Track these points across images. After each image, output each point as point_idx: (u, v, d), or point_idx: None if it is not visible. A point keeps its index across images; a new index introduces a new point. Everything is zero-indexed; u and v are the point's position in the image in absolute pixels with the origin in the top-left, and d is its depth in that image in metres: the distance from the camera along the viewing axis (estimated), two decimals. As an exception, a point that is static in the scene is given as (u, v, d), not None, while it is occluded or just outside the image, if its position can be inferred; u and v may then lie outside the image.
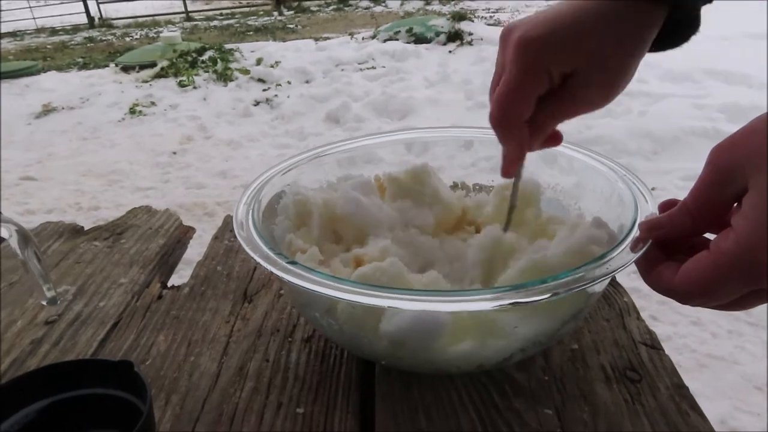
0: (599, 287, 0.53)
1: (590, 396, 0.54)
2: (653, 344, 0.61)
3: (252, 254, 0.49)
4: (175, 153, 3.76)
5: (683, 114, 3.52)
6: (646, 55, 0.49)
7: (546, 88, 0.48)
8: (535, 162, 0.66)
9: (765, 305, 0.42)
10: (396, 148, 0.75)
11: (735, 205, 0.41)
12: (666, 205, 0.49)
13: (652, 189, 0.43)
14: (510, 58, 0.48)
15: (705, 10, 0.49)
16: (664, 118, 3.47)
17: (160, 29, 10.28)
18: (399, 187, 0.66)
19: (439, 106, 4.12)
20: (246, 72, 5.23)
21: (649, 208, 0.53)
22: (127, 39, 9.56)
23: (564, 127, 0.54)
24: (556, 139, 0.55)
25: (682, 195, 0.43)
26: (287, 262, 0.48)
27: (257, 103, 4.57)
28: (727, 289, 0.40)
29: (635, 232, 0.49)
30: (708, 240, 0.44)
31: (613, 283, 0.70)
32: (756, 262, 0.38)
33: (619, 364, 0.58)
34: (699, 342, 1.64)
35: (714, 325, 1.69)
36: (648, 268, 0.46)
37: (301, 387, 0.57)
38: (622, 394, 0.54)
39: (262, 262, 0.48)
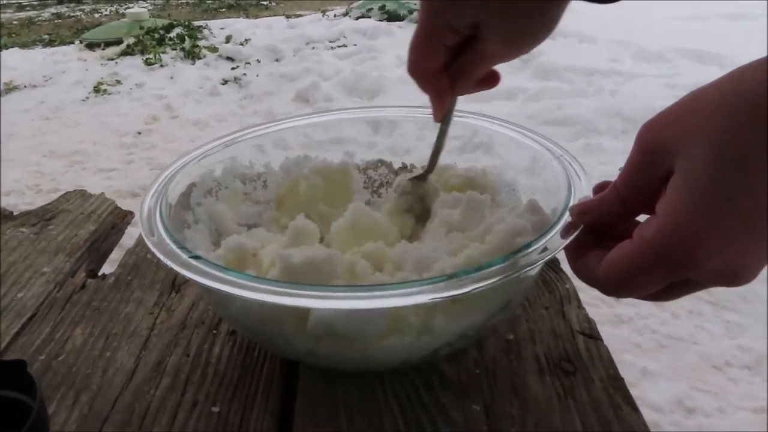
0: (528, 276, 0.50)
1: (521, 390, 0.51)
2: (591, 334, 0.58)
3: (155, 250, 0.46)
4: (140, 133, 3.65)
5: (654, 94, 3.51)
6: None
7: (455, 38, 0.47)
8: (466, 140, 0.63)
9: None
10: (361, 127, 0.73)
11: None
12: (600, 188, 0.46)
13: (620, 168, 0.41)
14: (419, 10, 0.48)
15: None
16: (635, 97, 3.46)
17: (130, 5, 10.02)
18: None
19: (410, 86, 3.93)
20: (214, 50, 5.11)
21: (584, 190, 0.50)
22: (96, 15, 9.29)
23: (534, 107, 0.52)
24: (491, 80, 0.53)
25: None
26: (190, 257, 0.44)
27: (225, 82, 4.46)
28: (651, 279, 0.38)
29: (567, 217, 0.46)
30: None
31: (555, 269, 0.68)
32: (679, 250, 0.35)
33: (555, 355, 0.55)
34: (660, 323, 1.64)
35: (675, 306, 1.69)
36: (576, 256, 0.44)
37: (220, 383, 0.54)
38: (555, 388, 0.52)
39: (162, 258, 0.44)
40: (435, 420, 0.48)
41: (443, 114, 0.54)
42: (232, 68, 4.76)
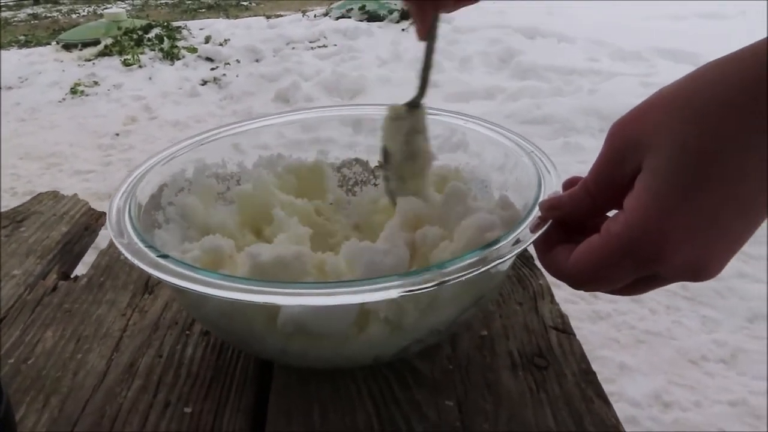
0: (498, 272, 0.51)
1: (494, 385, 0.52)
2: (564, 329, 0.59)
3: (122, 249, 0.45)
4: (118, 134, 3.62)
5: (631, 92, 3.54)
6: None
7: None
8: (444, 139, 0.63)
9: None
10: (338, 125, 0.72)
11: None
12: (570, 183, 0.47)
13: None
14: None
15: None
16: (613, 96, 3.49)
17: (108, 5, 9.90)
18: None
19: (390, 85, 4.05)
20: (193, 50, 5.07)
21: (554, 185, 0.51)
22: (73, 16, 9.16)
23: (513, 106, 0.52)
24: None
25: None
26: (158, 256, 0.44)
27: (205, 83, 4.42)
28: (618, 273, 0.38)
29: (536, 212, 0.46)
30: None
31: (529, 265, 0.68)
32: (645, 245, 0.36)
33: (528, 351, 0.56)
34: (638, 318, 1.66)
35: (653, 302, 1.71)
36: (545, 250, 0.44)
37: (192, 384, 0.54)
38: (528, 382, 0.52)
39: (130, 257, 0.44)
40: (408, 417, 0.49)
41: (426, 32, 0.55)
42: (212, 69, 4.72)
